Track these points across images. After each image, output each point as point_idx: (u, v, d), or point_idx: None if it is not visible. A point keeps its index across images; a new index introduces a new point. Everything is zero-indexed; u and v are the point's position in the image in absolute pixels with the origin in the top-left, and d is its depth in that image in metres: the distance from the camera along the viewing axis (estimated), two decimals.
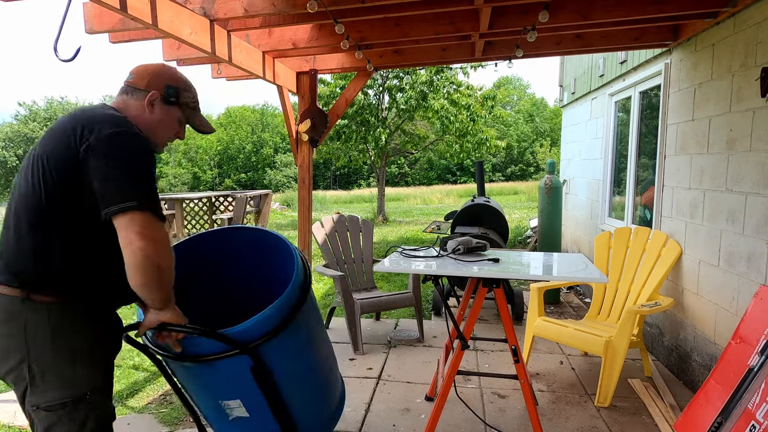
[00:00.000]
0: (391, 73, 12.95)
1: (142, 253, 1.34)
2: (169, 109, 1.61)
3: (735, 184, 2.85)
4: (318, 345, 1.96)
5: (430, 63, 4.44)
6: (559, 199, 5.31)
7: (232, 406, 1.71)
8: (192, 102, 1.68)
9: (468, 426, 2.86)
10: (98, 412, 1.48)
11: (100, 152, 1.37)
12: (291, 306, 1.70)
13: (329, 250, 4.51)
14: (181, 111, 1.65)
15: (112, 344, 1.57)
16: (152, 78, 1.59)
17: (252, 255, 2.08)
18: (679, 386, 3.34)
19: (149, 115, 1.58)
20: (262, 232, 2.02)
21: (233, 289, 2.14)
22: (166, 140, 1.67)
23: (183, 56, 3.58)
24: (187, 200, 10.31)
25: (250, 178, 45.43)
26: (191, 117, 1.69)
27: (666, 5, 2.93)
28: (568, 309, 5.19)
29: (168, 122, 1.63)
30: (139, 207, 1.35)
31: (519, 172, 42.35)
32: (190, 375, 1.70)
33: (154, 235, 1.37)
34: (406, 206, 22.39)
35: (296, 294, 1.74)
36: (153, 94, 1.57)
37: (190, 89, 1.67)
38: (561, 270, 2.78)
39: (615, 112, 5.22)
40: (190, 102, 1.66)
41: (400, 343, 4.24)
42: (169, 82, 1.61)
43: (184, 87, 1.65)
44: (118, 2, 2.21)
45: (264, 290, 2.13)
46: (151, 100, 1.57)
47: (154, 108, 1.59)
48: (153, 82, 1.58)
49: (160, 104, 1.59)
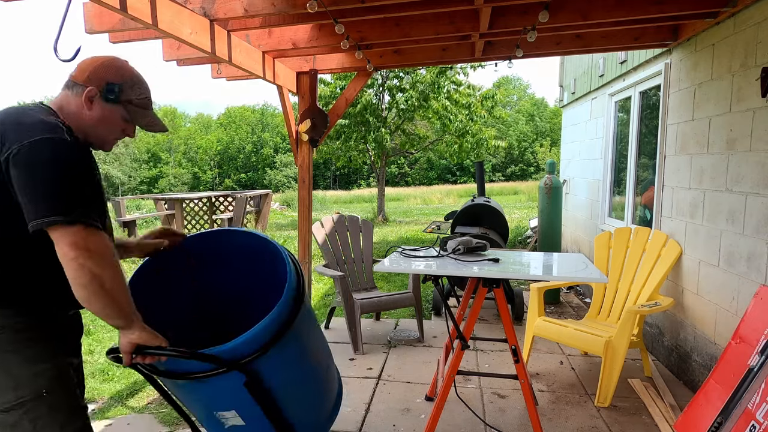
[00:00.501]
0: (392, 72, 12.96)
1: (75, 263, 1.28)
2: (109, 107, 1.49)
3: (735, 184, 2.85)
4: (314, 351, 1.90)
5: (430, 63, 4.44)
6: (559, 199, 5.31)
7: (228, 416, 1.68)
8: (139, 100, 1.54)
9: (468, 426, 2.86)
10: (60, 416, 1.42)
11: (23, 162, 1.29)
12: (282, 321, 1.62)
13: (329, 250, 4.51)
14: (125, 109, 1.52)
15: (63, 347, 1.49)
16: (92, 73, 1.47)
17: (246, 258, 2.01)
18: (679, 386, 3.34)
19: (88, 113, 1.47)
20: (255, 237, 1.92)
21: (228, 289, 2.09)
22: (112, 139, 1.56)
23: (183, 56, 3.58)
24: (187, 200, 10.31)
25: (250, 178, 45.46)
26: (136, 117, 1.55)
27: (666, 5, 2.93)
28: (568, 309, 5.19)
29: (110, 121, 1.51)
30: (66, 221, 1.28)
31: (519, 172, 42.37)
32: (182, 389, 1.67)
33: (88, 245, 1.30)
34: (406, 206, 22.39)
35: (289, 305, 1.65)
36: (90, 90, 1.46)
37: (136, 86, 1.54)
38: (561, 270, 2.78)
39: (615, 112, 5.22)
40: (135, 100, 1.53)
41: (400, 343, 4.24)
42: (111, 79, 1.48)
43: (131, 84, 1.52)
44: (118, 2, 2.21)
45: (261, 288, 2.08)
46: (89, 96, 1.46)
47: (93, 105, 1.47)
48: (93, 77, 1.47)
49: (99, 102, 1.48)
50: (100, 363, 4.00)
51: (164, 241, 1.84)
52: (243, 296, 2.08)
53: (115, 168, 39.26)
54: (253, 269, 2.01)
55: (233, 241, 1.97)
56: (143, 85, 1.56)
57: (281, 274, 1.85)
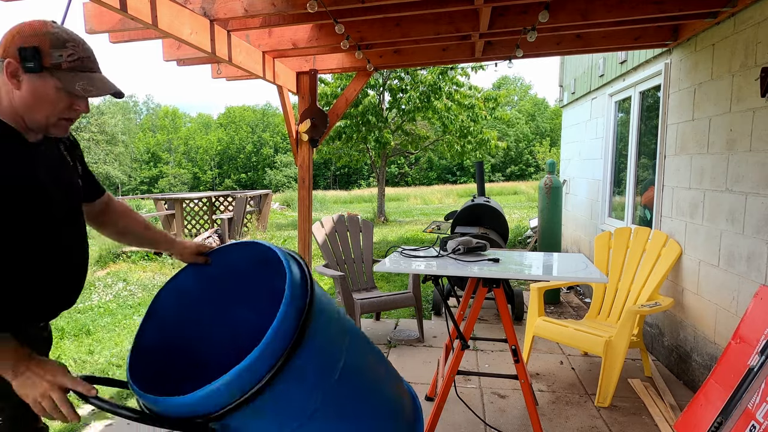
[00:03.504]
0: (393, 73, 12.96)
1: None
2: (36, 78, 1.20)
3: (735, 184, 2.85)
4: (360, 371, 1.40)
5: (430, 63, 4.44)
6: (559, 199, 5.31)
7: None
8: (68, 61, 1.22)
9: (468, 426, 2.86)
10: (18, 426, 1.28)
11: None
12: (276, 353, 1.15)
13: (329, 250, 4.51)
14: (54, 78, 1.21)
15: None
16: (7, 42, 1.20)
17: (255, 269, 1.66)
18: (679, 386, 3.34)
19: (18, 93, 1.21)
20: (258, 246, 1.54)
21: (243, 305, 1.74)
22: (56, 120, 1.26)
23: (183, 56, 3.58)
24: (187, 200, 10.32)
25: (250, 178, 45.49)
26: (69, 82, 1.22)
27: (666, 5, 2.93)
28: (568, 309, 5.19)
29: (45, 96, 1.21)
30: None
31: (519, 172, 42.38)
32: None
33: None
34: (406, 206, 22.39)
35: (290, 325, 1.19)
36: (9, 64, 1.18)
37: (62, 44, 1.21)
38: (561, 270, 2.78)
39: (615, 112, 5.22)
40: (64, 62, 1.21)
41: (400, 343, 4.24)
42: (23, 43, 1.18)
43: (53, 44, 1.20)
44: (118, 2, 2.22)
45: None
46: (11, 72, 1.19)
47: (20, 83, 1.20)
48: (8, 49, 1.19)
49: (25, 76, 1.20)
50: (100, 363, 4.00)
51: (201, 258, 1.60)
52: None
53: (115, 168, 39.24)
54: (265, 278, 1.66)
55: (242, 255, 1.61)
56: (74, 42, 1.24)
57: None
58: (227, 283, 1.63)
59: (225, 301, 1.67)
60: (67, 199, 1.37)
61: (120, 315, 5.51)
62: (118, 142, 40.50)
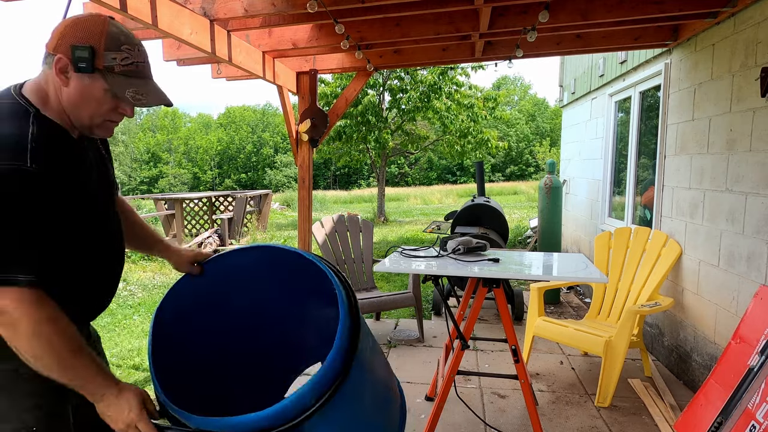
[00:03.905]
0: (393, 73, 12.96)
1: (17, 343, 1.06)
2: (85, 78, 1.15)
3: (735, 184, 2.85)
4: (375, 388, 1.46)
5: (430, 63, 4.44)
6: (559, 199, 5.31)
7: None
8: (123, 66, 1.17)
9: (468, 426, 2.86)
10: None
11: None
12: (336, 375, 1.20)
13: (329, 250, 4.51)
14: (105, 80, 1.16)
15: None
16: (60, 37, 1.15)
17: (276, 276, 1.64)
18: (679, 386, 3.34)
19: (66, 90, 1.16)
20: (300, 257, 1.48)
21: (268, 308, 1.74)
22: (101, 121, 1.23)
23: (183, 56, 3.58)
24: (187, 200, 10.32)
25: (250, 178, 45.48)
26: (120, 87, 1.18)
27: (666, 5, 2.93)
28: (568, 309, 5.19)
29: (92, 97, 1.17)
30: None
31: (519, 172, 42.36)
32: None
33: (9, 319, 1.04)
34: (406, 206, 22.39)
35: (345, 345, 1.23)
36: (59, 60, 1.14)
37: (117, 47, 1.16)
38: (561, 270, 2.78)
39: (615, 112, 5.22)
40: (117, 66, 1.16)
41: (400, 343, 4.24)
42: (78, 41, 1.13)
43: (108, 45, 1.15)
44: (118, 2, 2.21)
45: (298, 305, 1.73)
46: (61, 68, 1.14)
47: (69, 80, 1.16)
48: (61, 43, 1.14)
49: (74, 74, 1.15)
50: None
51: (196, 268, 1.55)
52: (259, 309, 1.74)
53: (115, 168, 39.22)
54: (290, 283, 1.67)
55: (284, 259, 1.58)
56: (130, 45, 1.19)
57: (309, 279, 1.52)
58: (229, 286, 1.61)
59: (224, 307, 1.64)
60: (106, 193, 1.36)
61: (120, 315, 5.51)
62: (118, 142, 40.51)
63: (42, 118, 1.15)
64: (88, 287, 1.31)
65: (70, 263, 1.21)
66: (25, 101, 1.16)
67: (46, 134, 1.14)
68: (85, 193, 1.24)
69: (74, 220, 1.20)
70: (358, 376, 1.28)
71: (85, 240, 1.25)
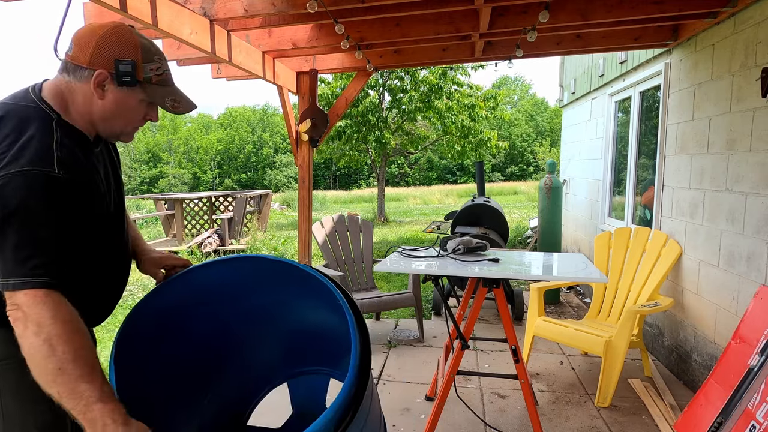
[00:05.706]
0: (393, 73, 12.96)
1: (25, 342, 1.04)
2: (125, 91, 1.19)
3: (735, 184, 2.85)
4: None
5: (430, 63, 4.44)
6: (559, 199, 5.31)
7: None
8: (158, 75, 1.22)
9: (468, 426, 2.86)
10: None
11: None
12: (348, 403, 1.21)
13: (329, 250, 4.51)
14: (144, 91, 1.22)
15: None
16: (97, 50, 1.16)
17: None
18: (679, 386, 3.34)
19: (101, 102, 1.19)
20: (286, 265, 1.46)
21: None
22: (132, 129, 1.28)
23: (183, 56, 3.58)
24: (187, 200, 10.31)
25: (250, 178, 45.45)
26: (158, 96, 1.24)
27: (666, 5, 2.93)
28: (568, 309, 5.19)
29: (128, 108, 1.22)
30: (16, 286, 1.04)
31: (519, 172, 42.34)
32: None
33: (40, 319, 1.04)
34: (406, 206, 22.39)
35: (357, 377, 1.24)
36: (100, 74, 1.16)
37: (151, 58, 1.21)
38: (561, 270, 2.78)
39: (615, 112, 5.22)
40: (154, 76, 1.21)
41: (400, 343, 4.24)
42: (120, 55, 1.16)
43: (144, 57, 1.19)
44: (118, 2, 2.22)
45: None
46: (99, 82, 1.17)
47: (105, 93, 1.18)
48: (98, 57, 1.16)
49: (112, 87, 1.18)
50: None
51: (160, 273, 1.49)
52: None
53: None
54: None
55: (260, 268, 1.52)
56: (159, 55, 1.24)
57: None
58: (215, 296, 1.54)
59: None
60: (118, 195, 1.37)
61: (120, 315, 5.51)
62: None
63: (64, 125, 1.18)
64: (98, 291, 1.32)
65: (84, 266, 1.22)
66: (47, 106, 1.18)
67: (69, 141, 1.16)
68: (100, 196, 1.25)
69: (91, 224, 1.22)
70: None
71: (99, 243, 1.27)
